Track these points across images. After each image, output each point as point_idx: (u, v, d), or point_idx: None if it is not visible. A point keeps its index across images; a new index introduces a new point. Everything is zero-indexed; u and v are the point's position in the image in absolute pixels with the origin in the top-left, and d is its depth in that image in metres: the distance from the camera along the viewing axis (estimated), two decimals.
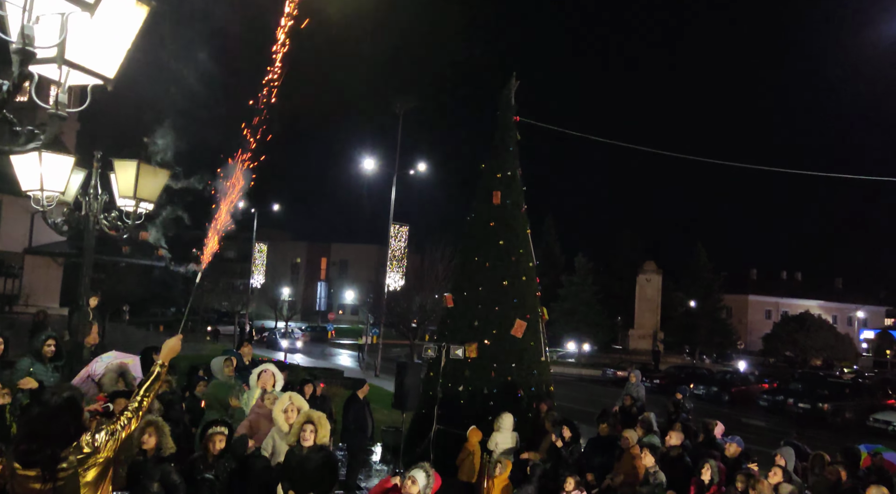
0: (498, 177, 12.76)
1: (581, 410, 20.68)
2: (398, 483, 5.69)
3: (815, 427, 23.25)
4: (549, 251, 63.04)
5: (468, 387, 11.59)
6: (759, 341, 59.16)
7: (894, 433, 22.07)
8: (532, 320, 12.04)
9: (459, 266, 13.54)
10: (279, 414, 6.79)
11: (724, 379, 32.81)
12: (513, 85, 13.42)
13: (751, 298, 72.63)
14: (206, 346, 34.39)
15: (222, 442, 6.19)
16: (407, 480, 5.56)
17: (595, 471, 8.90)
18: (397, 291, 29.59)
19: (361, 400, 10.59)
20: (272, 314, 45.87)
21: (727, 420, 13.28)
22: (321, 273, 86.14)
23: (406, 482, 5.55)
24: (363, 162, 30.34)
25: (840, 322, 68.42)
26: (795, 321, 54.20)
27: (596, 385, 33.61)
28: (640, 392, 13.52)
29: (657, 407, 14.69)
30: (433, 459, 10.35)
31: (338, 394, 14.60)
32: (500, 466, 8.57)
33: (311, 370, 22.98)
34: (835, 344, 52.75)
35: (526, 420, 10.69)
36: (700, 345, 56.02)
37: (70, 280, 24.23)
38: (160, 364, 3.61)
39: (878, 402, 26.48)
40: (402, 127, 28.90)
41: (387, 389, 20.15)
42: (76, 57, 2.47)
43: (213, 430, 6.24)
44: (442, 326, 13.11)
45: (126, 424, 3.37)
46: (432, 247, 29.97)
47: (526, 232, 12.81)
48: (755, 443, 13.73)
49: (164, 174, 6.94)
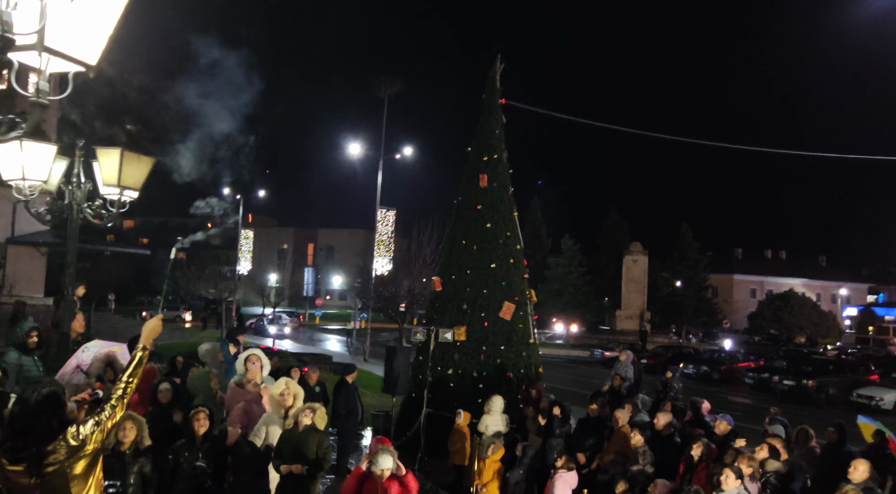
0: (484, 160, 12.74)
1: (570, 391, 20.87)
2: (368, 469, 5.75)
3: (800, 404, 23.63)
4: (535, 233, 63.18)
5: (457, 370, 11.64)
6: (744, 319, 59.79)
7: (877, 408, 22.44)
8: (520, 302, 12.09)
9: (447, 249, 13.53)
10: (274, 400, 6.81)
11: (713, 357, 33.19)
12: (498, 67, 13.36)
13: (736, 277, 73.31)
14: (195, 335, 34.28)
15: (206, 422, 6.19)
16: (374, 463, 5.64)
17: (585, 451, 9.00)
18: (385, 275, 29.56)
19: (350, 384, 10.62)
20: (259, 300, 45.76)
21: (714, 398, 13.47)
22: (308, 258, 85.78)
23: (374, 467, 5.63)
24: (349, 146, 30.16)
25: (824, 299, 69.27)
26: (780, 299, 54.79)
27: (584, 365, 33.89)
28: (629, 372, 13.64)
29: (645, 386, 14.85)
30: (423, 442, 10.43)
31: (327, 380, 14.58)
32: (493, 447, 8.63)
33: (299, 355, 23.00)
34: (818, 321, 53.43)
35: (516, 402, 10.77)
36: (686, 325, 56.52)
37: (54, 269, 23.97)
38: (141, 347, 3.51)
39: (861, 378, 26.88)
40: (388, 110, 28.76)
41: (376, 373, 20.20)
42: (57, 43, 2.42)
43: (194, 411, 6.25)
44: (430, 310, 13.13)
45: (112, 413, 3.32)
46: (419, 230, 29.89)
47: (513, 214, 12.82)
48: (742, 421, 13.93)
49: (148, 161, 6.84)
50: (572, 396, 16.44)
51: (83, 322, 9.05)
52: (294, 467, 6.00)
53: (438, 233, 26.30)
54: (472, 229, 12.47)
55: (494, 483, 8.54)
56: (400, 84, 28.67)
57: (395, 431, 11.70)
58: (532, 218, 64.00)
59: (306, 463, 6.06)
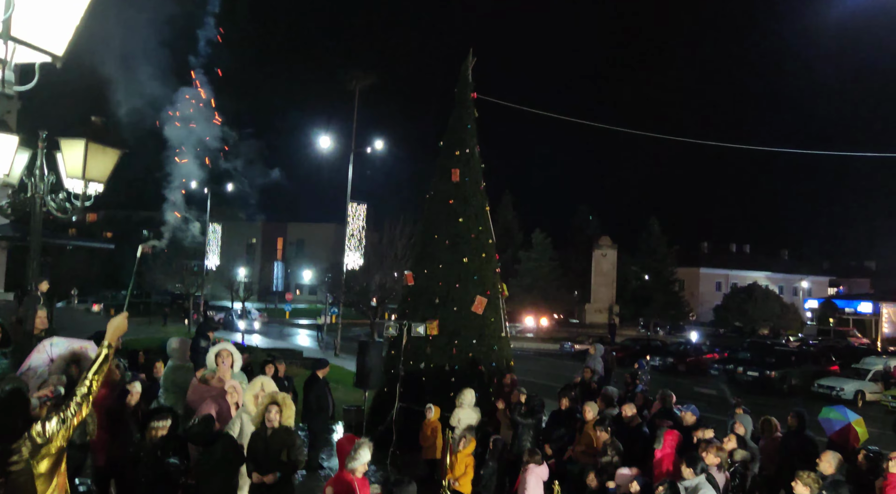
0: (456, 155, 12.75)
1: (541, 384, 21.05)
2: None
3: (764, 394, 24.19)
4: (507, 227, 63.48)
5: (430, 364, 11.66)
6: (710, 312, 60.96)
7: (838, 397, 23.05)
8: (492, 296, 12.15)
9: (419, 243, 13.54)
10: (250, 399, 6.73)
11: (679, 350, 33.75)
12: (470, 62, 13.36)
13: (702, 271, 74.60)
14: (161, 331, 33.75)
15: (164, 431, 6.01)
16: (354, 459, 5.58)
17: (555, 443, 9.10)
18: (356, 270, 29.42)
19: (321, 380, 10.57)
20: (228, 295, 45.18)
21: (681, 389, 13.71)
22: (278, 253, 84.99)
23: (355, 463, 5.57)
24: (319, 140, 29.91)
25: (786, 292, 70.88)
26: (744, 292, 56.02)
27: (554, 359, 34.20)
28: (598, 365, 13.82)
29: (615, 378, 15.05)
30: (395, 437, 10.44)
31: (298, 375, 14.52)
32: (464, 441, 8.67)
33: (269, 351, 22.82)
34: (781, 313, 54.78)
35: (487, 396, 10.83)
36: (654, 318, 57.43)
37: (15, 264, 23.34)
38: (107, 345, 3.48)
39: (823, 369, 27.60)
40: (359, 104, 28.55)
41: (347, 368, 20.13)
42: (23, 33, 2.35)
43: (154, 424, 5.98)
44: (402, 304, 13.12)
45: (77, 410, 3.28)
46: (391, 224, 29.84)
47: (485, 209, 12.86)
48: (708, 411, 14.21)
49: (114, 153, 6.69)
50: (543, 389, 16.59)
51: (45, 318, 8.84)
52: (266, 478, 5.94)
53: (410, 227, 26.27)
54: (444, 223, 12.48)
55: (467, 476, 8.58)
56: (371, 77, 28.49)
57: (367, 426, 11.69)
58: (504, 212, 64.31)
59: (279, 466, 6.01)
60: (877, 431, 16.16)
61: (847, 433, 9.56)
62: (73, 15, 2.55)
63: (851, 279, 77.52)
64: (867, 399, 23.47)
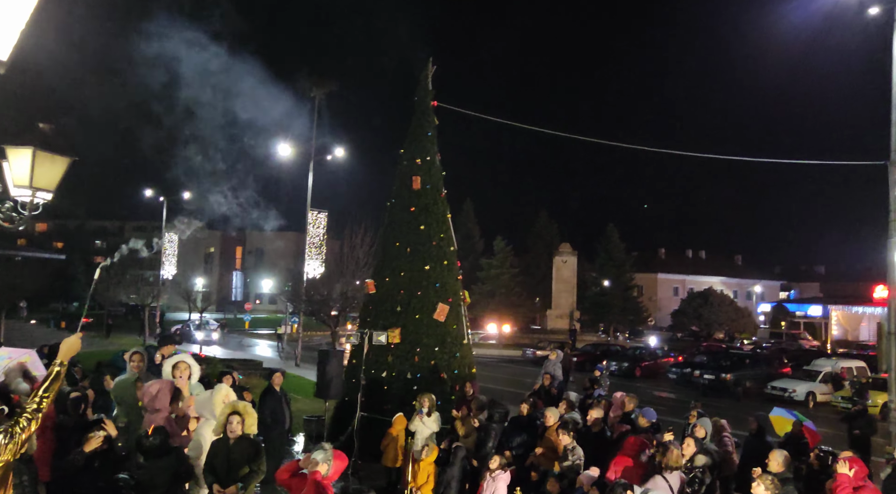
0: (417, 163, 12.76)
1: (502, 390, 21.13)
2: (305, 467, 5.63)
3: (720, 397, 24.72)
4: (468, 235, 63.70)
5: (391, 373, 11.61)
6: (667, 317, 62.17)
7: (790, 399, 23.69)
8: (454, 304, 12.17)
9: (381, 251, 13.49)
10: (219, 402, 6.62)
11: (636, 354, 34.28)
12: (430, 70, 13.41)
13: (660, 276, 76.05)
14: (108, 343, 32.87)
15: (98, 442, 5.81)
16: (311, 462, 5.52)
17: (516, 449, 9.13)
18: (316, 279, 29.08)
19: (278, 391, 10.39)
20: (185, 305, 44.22)
21: (639, 393, 13.88)
22: (236, 262, 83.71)
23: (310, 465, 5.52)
24: (279, 147, 29.56)
25: (740, 296, 72.73)
26: (700, 297, 57.30)
27: (516, 365, 34.38)
28: (558, 370, 13.94)
29: (575, 384, 15.19)
30: (357, 446, 10.34)
31: (258, 385, 14.28)
32: (427, 449, 8.64)
33: (228, 361, 22.39)
34: (735, 317, 56.20)
35: (450, 403, 10.82)
36: (614, 323, 58.26)
37: None
38: (59, 363, 3.54)
39: (775, 371, 28.33)
40: (318, 111, 28.34)
41: (308, 378, 19.90)
42: None
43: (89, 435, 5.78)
44: (364, 313, 13.04)
45: (26, 425, 3.29)
46: (352, 233, 29.63)
47: (446, 216, 12.89)
48: (666, 414, 14.44)
49: (63, 161, 6.49)
50: (504, 395, 16.64)
51: None
52: (228, 490, 5.82)
53: (371, 235, 26.14)
54: (405, 231, 12.46)
55: (428, 484, 8.56)
56: (331, 84, 28.30)
57: (329, 435, 11.56)
58: (465, 219, 64.50)
59: (238, 478, 5.89)
60: (829, 431, 16.66)
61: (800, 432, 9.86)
62: (18, 19, 2.48)
63: (802, 283, 79.94)
64: (818, 400, 24.18)
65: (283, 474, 5.60)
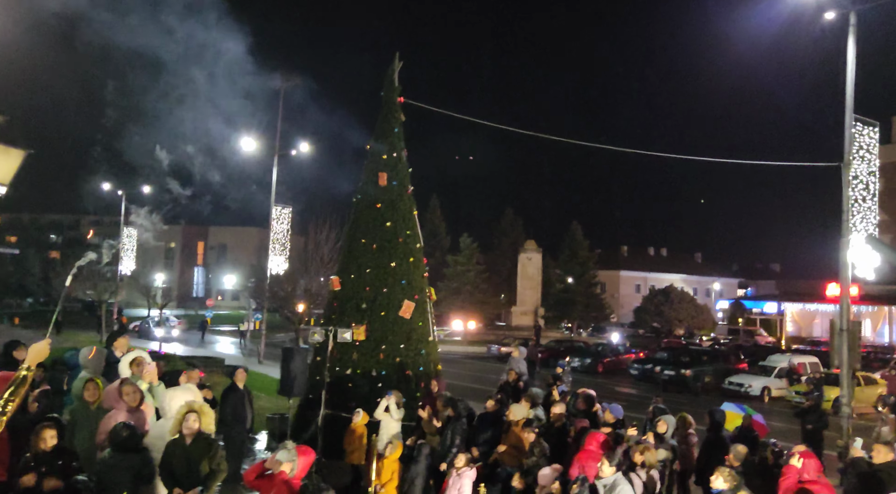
0: (384, 159, 12.70)
1: (466, 386, 21.20)
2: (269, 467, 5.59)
3: (680, 392, 25.22)
4: (434, 231, 63.70)
5: (356, 370, 11.54)
6: (630, 314, 63.15)
7: (746, 394, 24.30)
8: (420, 301, 12.14)
9: (346, 248, 13.38)
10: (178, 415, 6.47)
11: (598, 350, 34.75)
12: (396, 65, 13.33)
13: (622, 274, 77.17)
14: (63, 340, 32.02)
15: (53, 439, 5.68)
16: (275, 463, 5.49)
17: (483, 446, 9.17)
18: (280, 275, 28.77)
19: (241, 388, 10.26)
20: (144, 302, 43.26)
21: (602, 389, 14.08)
22: (198, 257, 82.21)
23: (274, 465, 5.48)
24: (242, 141, 29.09)
25: (700, 293, 74.18)
26: (661, 294, 58.29)
27: (481, 361, 34.55)
28: (522, 367, 14.02)
29: (538, 379, 15.30)
30: (321, 444, 10.26)
31: (220, 383, 14.05)
32: (391, 446, 8.61)
33: (189, 359, 22.00)
34: (695, 314, 57.31)
35: (415, 401, 10.81)
36: (577, 319, 58.94)
37: None
38: (26, 368, 3.59)
39: (732, 367, 29.05)
40: (284, 105, 27.98)
41: (271, 376, 19.67)
42: None
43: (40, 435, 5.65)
44: (329, 309, 12.94)
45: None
46: (317, 228, 29.38)
47: (412, 213, 12.85)
48: (628, 410, 14.64)
49: (17, 154, 6.32)
50: (468, 391, 16.71)
51: None
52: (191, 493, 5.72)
53: (337, 231, 25.97)
54: (371, 227, 12.39)
55: (393, 482, 8.54)
56: (296, 78, 27.96)
57: (292, 433, 11.44)
58: (431, 216, 64.49)
59: (198, 480, 5.78)
60: (783, 426, 17.13)
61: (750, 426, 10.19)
62: None
63: (759, 281, 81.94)
64: (773, 395, 24.84)
65: (249, 475, 5.56)
